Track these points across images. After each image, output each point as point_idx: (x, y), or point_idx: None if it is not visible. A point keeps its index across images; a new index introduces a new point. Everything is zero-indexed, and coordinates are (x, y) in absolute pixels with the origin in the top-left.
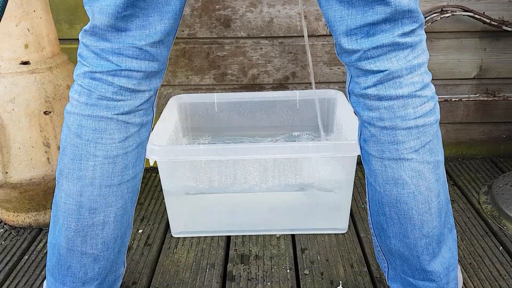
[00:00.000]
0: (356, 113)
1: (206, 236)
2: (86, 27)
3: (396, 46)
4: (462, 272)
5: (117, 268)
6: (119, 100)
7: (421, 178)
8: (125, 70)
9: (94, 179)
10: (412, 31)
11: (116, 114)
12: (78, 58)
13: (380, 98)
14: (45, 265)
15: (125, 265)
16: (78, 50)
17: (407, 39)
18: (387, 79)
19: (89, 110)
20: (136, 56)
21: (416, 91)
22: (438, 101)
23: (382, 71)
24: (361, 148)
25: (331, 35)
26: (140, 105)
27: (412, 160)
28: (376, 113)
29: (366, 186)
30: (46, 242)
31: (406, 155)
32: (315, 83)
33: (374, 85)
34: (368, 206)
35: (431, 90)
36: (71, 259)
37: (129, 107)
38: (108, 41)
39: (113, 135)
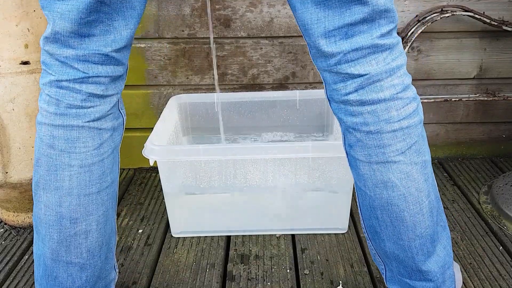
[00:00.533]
0: (338, 119)
1: (206, 236)
2: (47, 33)
3: (375, 48)
4: (462, 272)
5: (107, 274)
6: (89, 107)
7: (410, 180)
8: (93, 76)
9: (71, 189)
10: (389, 32)
11: (87, 122)
12: (42, 66)
13: (362, 103)
14: None
15: (117, 269)
16: (41, 58)
17: (386, 41)
18: (367, 83)
19: (59, 120)
20: (102, 62)
21: (397, 93)
22: (438, 101)
23: (362, 75)
24: (347, 154)
25: None
26: (110, 109)
27: (399, 162)
28: (360, 118)
29: (356, 191)
30: None
31: (393, 157)
32: (315, 82)
33: (356, 91)
34: (359, 211)
35: (412, 91)
36: (57, 269)
37: (99, 113)
38: (72, 48)
39: (86, 143)
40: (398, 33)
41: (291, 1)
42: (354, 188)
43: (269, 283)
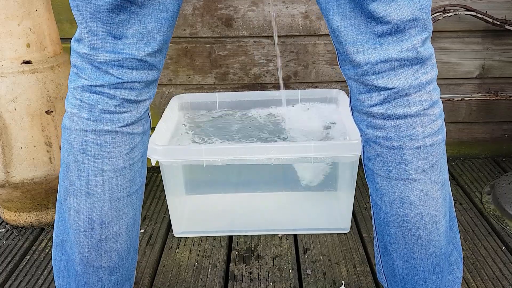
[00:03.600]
0: (359, 130)
1: (208, 236)
2: (77, 35)
3: (405, 61)
4: (464, 271)
5: (132, 275)
6: (123, 113)
7: (429, 199)
8: (127, 82)
9: (103, 193)
10: (422, 42)
11: (120, 127)
12: (73, 69)
13: (387, 117)
14: (46, 265)
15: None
16: (71, 59)
17: (417, 54)
18: (394, 97)
19: (92, 125)
20: (136, 67)
21: (424, 109)
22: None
23: (389, 89)
24: (364, 166)
25: None
26: (142, 114)
27: (420, 181)
28: (383, 132)
29: (371, 204)
30: (48, 242)
31: (414, 175)
32: (318, 82)
33: (381, 103)
34: (373, 225)
35: (439, 107)
36: (87, 274)
37: (132, 118)
38: (105, 52)
39: (119, 148)
40: None
41: (320, 6)
42: (356, 188)
43: (271, 283)
